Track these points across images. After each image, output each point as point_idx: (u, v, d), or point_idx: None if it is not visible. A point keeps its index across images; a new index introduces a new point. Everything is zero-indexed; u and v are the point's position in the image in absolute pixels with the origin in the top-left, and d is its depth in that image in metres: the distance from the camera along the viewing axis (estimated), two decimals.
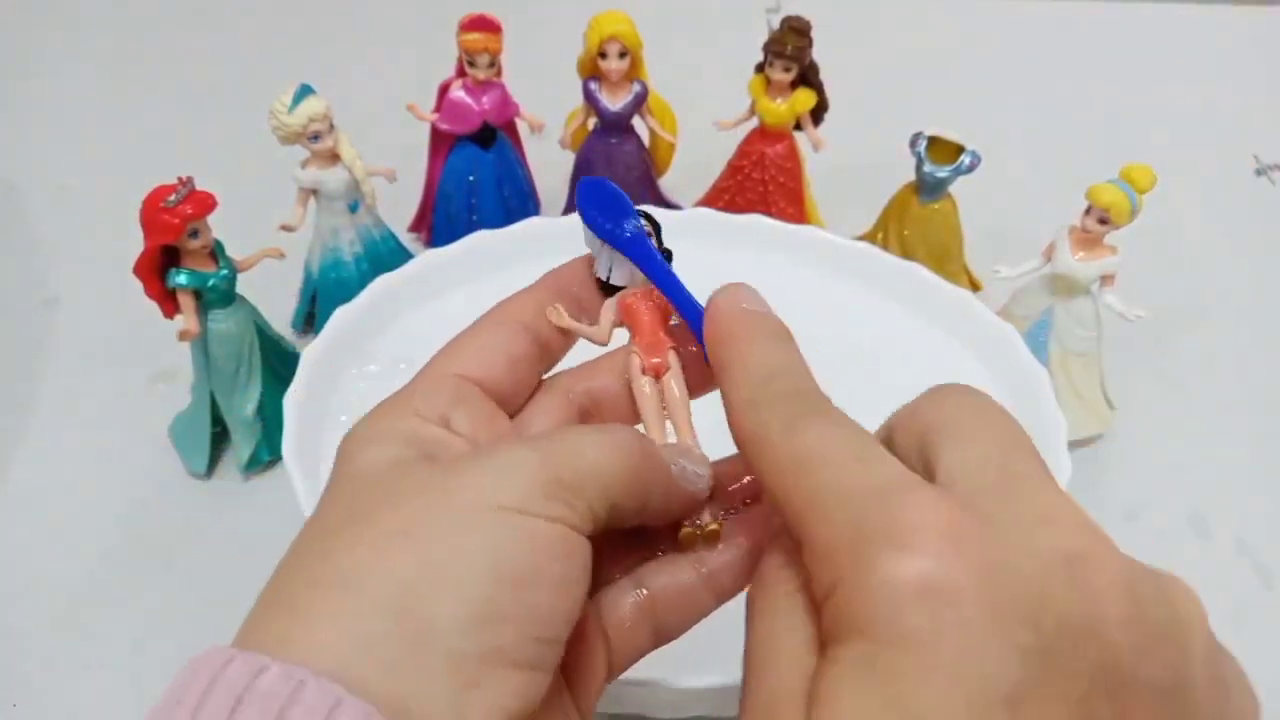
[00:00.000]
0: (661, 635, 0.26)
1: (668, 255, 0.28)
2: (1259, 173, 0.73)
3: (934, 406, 0.23)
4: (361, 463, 0.23)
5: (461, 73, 0.56)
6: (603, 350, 0.28)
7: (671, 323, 0.28)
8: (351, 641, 0.19)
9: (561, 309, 0.27)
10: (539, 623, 0.20)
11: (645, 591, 0.26)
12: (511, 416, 0.27)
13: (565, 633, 0.21)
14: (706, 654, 0.37)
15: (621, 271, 0.28)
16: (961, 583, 0.17)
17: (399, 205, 0.60)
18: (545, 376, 0.28)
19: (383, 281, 0.49)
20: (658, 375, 0.27)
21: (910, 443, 0.22)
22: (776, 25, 0.55)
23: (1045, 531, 0.19)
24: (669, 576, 0.26)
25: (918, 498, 0.19)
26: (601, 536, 0.25)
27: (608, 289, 0.28)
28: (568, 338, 0.28)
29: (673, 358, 0.27)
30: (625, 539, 0.26)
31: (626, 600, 0.26)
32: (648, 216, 0.28)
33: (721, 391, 0.24)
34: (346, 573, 0.20)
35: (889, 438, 0.23)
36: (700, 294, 0.29)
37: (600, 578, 0.26)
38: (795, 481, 0.20)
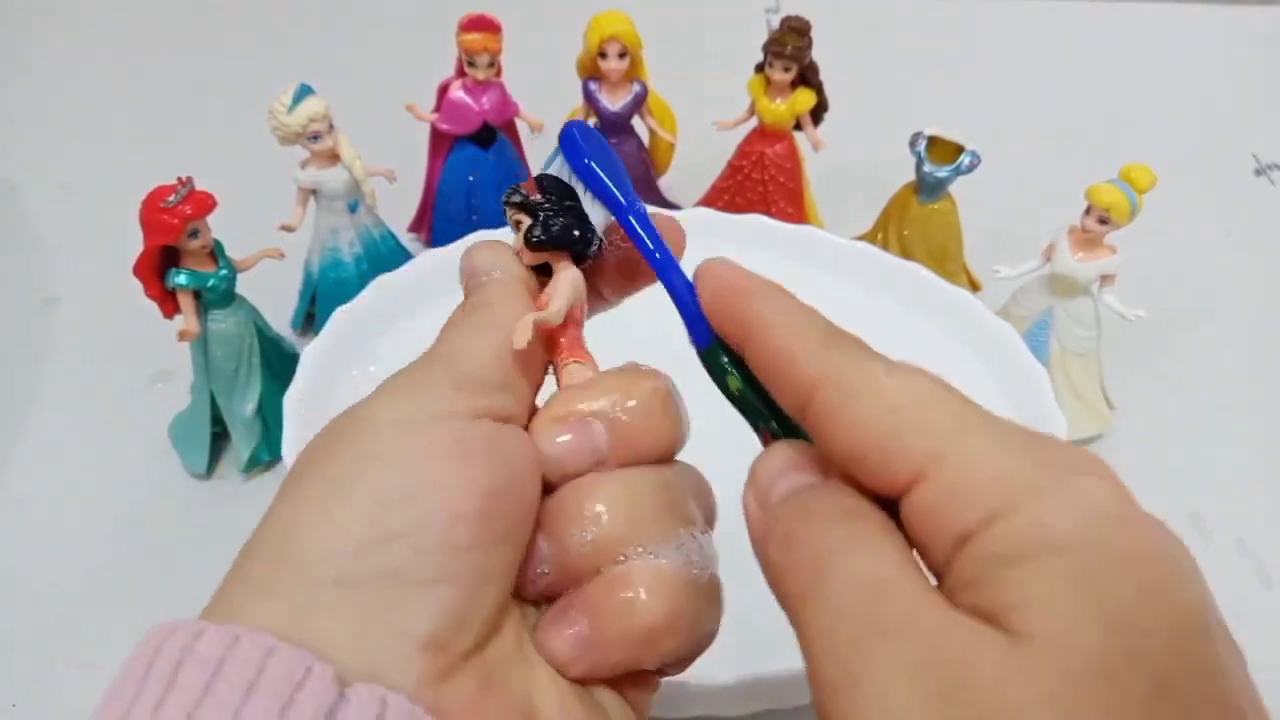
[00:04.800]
0: None
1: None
2: (1259, 173, 0.73)
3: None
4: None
5: (461, 73, 0.56)
6: None
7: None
8: (245, 591, 0.20)
9: (530, 321, 0.23)
10: (437, 532, 0.20)
11: None
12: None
13: (486, 533, 0.20)
14: (707, 654, 0.37)
15: (595, 215, 0.25)
16: (1145, 522, 0.17)
17: (399, 205, 0.60)
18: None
19: (383, 281, 0.49)
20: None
21: None
22: (776, 25, 0.55)
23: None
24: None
25: (1067, 447, 0.19)
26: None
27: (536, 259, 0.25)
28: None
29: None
30: None
31: None
32: (561, 183, 0.25)
33: (766, 344, 0.21)
34: (255, 534, 0.21)
35: None
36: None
37: None
38: (917, 415, 0.19)
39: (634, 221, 0.25)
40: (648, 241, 0.24)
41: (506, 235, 0.27)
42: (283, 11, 0.87)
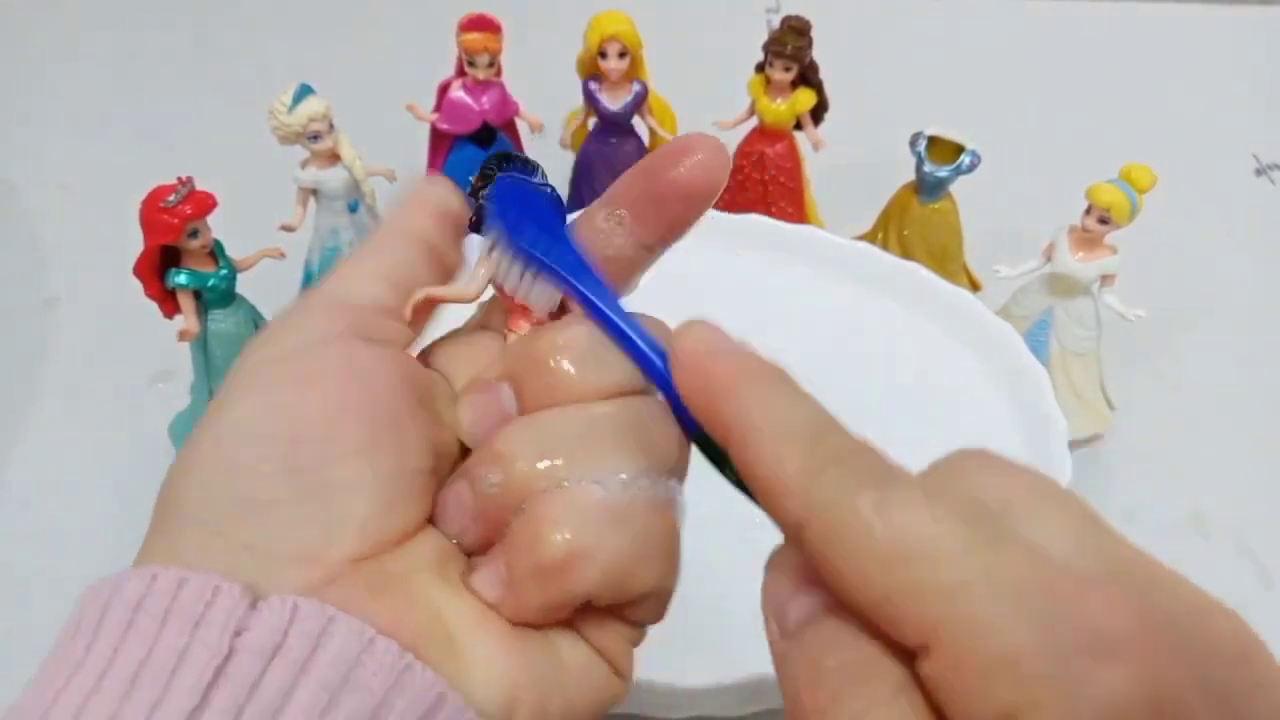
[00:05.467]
0: None
1: (556, 200, 0.25)
2: (1259, 173, 0.73)
3: (976, 475, 0.19)
4: None
5: (461, 73, 0.56)
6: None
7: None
8: (143, 550, 0.22)
9: (421, 295, 0.24)
10: (280, 455, 0.21)
11: None
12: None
13: (333, 449, 0.21)
14: (706, 654, 0.37)
15: (541, 294, 0.24)
16: (1187, 696, 0.15)
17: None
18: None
19: None
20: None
21: None
22: (776, 25, 0.55)
23: (1188, 593, 0.17)
24: None
25: (1107, 593, 0.16)
26: None
27: (475, 227, 0.25)
28: (458, 249, 0.26)
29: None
30: None
31: None
32: (521, 159, 0.25)
33: (746, 460, 0.19)
34: None
35: None
36: (698, 299, 0.28)
37: None
38: (911, 574, 0.16)
39: (571, 279, 0.23)
40: (597, 302, 0.23)
41: None
42: (283, 11, 0.87)
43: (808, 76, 0.55)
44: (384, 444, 0.22)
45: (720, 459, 0.21)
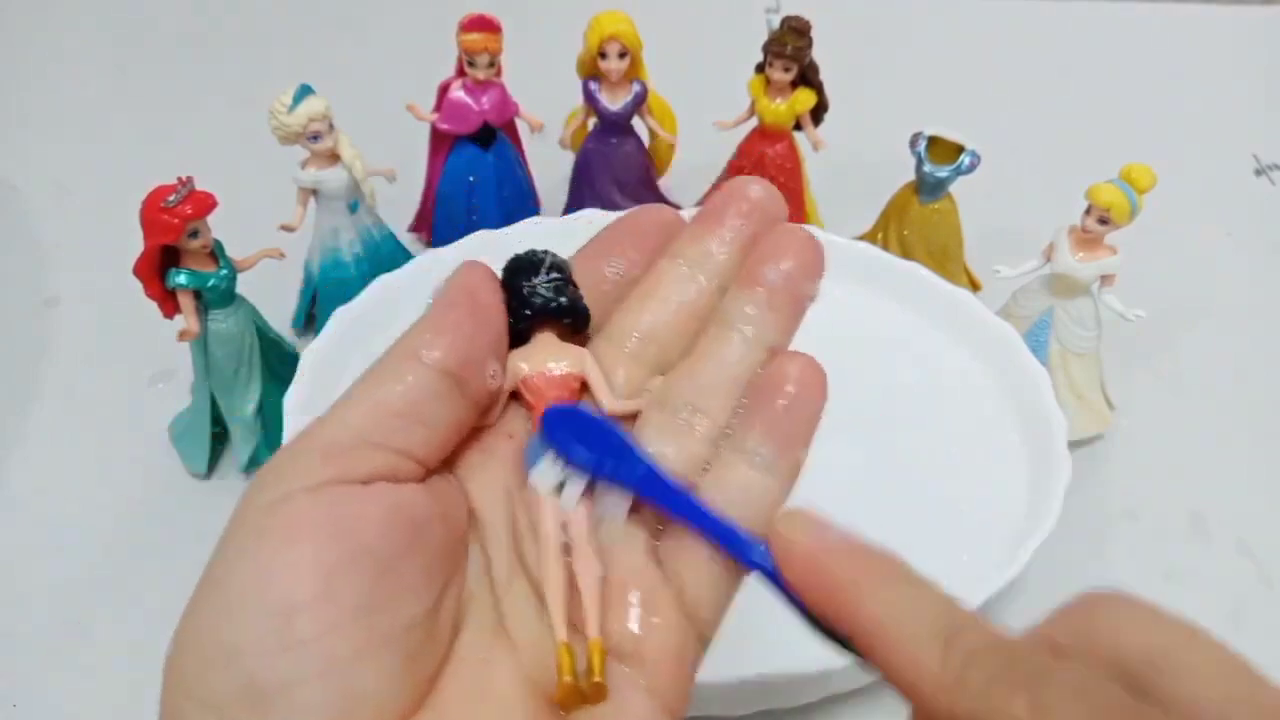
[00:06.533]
0: None
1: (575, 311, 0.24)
2: (1259, 173, 0.73)
3: (1117, 629, 0.18)
4: None
5: (461, 73, 0.56)
6: None
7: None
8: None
9: None
10: (276, 631, 0.19)
11: None
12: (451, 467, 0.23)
13: (334, 613, 0.19)
14: (706, 653, 0.37)
15: (613, 504, 0.23)
16: None
17: (399, 205, 0.60)
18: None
19: (382, 281, 0.49)
20: None
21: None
22: (776, 25, 0.55)
23: None
24: None
25: None
26: None
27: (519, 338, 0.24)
28: (496, 368, 0.23)
29: None
30: None
31: None
32: (559, 269, 0.24)
33: (881, 661, 0.19)
34: None
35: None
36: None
37: None
38: None
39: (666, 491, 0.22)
40: (703, 510, 0.22)
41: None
42: (283, 11, 0.87)
43: (808, 77, 0.55)
44: (383, 597, 0.20)
45: (843, 643, 0.21)
